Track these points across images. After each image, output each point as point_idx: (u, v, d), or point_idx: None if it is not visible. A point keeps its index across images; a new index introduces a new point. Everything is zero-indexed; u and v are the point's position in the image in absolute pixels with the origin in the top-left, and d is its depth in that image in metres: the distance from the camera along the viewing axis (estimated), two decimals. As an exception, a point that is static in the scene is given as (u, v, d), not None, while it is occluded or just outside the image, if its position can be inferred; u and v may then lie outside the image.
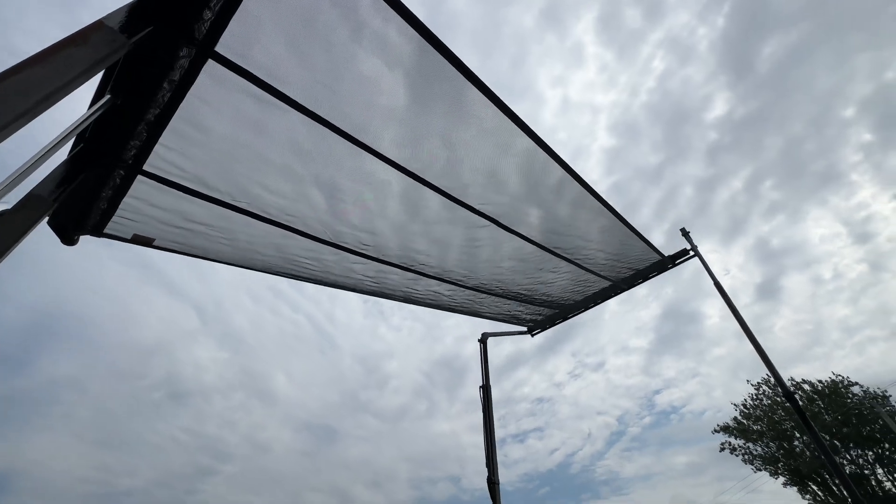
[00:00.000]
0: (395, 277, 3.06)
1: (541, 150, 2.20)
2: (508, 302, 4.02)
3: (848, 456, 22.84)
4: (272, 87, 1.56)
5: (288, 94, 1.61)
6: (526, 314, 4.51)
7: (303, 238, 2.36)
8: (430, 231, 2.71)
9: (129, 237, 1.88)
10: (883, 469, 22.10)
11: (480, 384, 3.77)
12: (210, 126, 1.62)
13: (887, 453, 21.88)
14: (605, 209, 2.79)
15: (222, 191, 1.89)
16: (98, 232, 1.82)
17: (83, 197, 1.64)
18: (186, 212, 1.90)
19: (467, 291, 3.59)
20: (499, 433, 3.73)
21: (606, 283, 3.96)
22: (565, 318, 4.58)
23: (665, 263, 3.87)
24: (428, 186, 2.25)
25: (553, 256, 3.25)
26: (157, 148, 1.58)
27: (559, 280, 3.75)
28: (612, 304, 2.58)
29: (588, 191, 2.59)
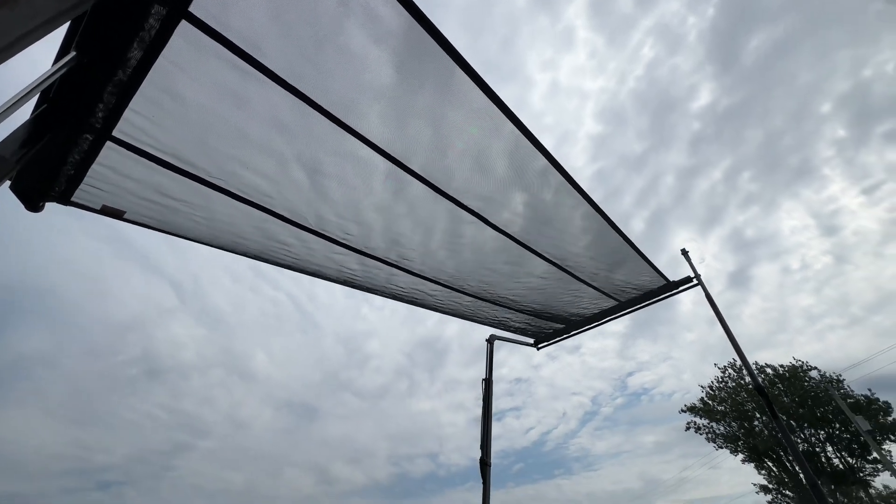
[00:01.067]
0: (381, 273, 3.03)
1: (556, 172, 2.33)
2: (516, 314, 4.13)
3: (802, 435, 24.38)
4: (251, 56, 1.49)
5: (268, 65, 1.54)
6: (532, 326, 4.59)
7: (282, 223, 2.28)
8: (433, 235, 2.76)
9: (98, 208, 1.80)
10: (832, 447, 23.71)
11: (484, 377, 4.16)
12: (185, 94, 1.54)
13: (837, 433, 23.45)
14: (616, 232, 2.94)
15: (197, 165, 1.80)
16: (65, 200, 1.74)
17: (48, 161, 1.55)
18: (159, 185, 1.81)
19: (477, 301, 3.74)
20: (476, 412, 3.91)
21: (613, 303, 4.11)
22: (571, 335, 4.69)
23: (669, 289, 4.06)
24: (439, 193, 2.29)
25: (565, 274, 3.42)
26: (127, 113, 1.49)
27: (566, 296, 3.89)
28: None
29: (600, 214, 2.72)
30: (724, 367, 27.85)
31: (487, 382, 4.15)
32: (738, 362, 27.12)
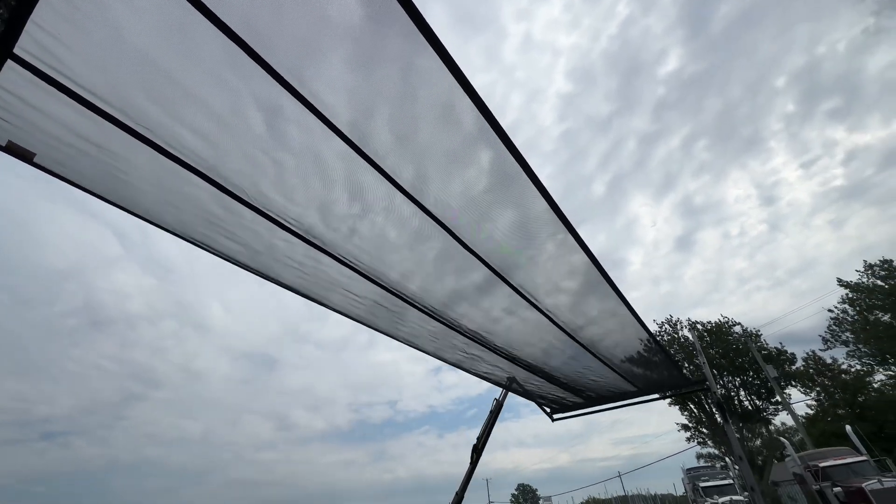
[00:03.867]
0: (370, 294, 2.97)
1: (597, 271, 2.85)
2: (534, 377, 4.29)
3: (720, 381, 27.61)
4: None
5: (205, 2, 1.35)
6: (550, 395, 4.74)
7: (217, 191, 1.97)
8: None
9: (3, 144, 1.58)
10: (745, 392, 27.12)
11: (496, 398, 4.64)
12: (104, 15, 1.35)
13: (750, 379, 26.75)
14: (646, 332, 3.57)
15: (116, 106, 1.57)
16: None
17: None
18: (74, 125, 1.59)
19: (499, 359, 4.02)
20: (435, 362, 4.29)
21: (633, 388, 4.31)
22: (588, 411, 4.82)
23: (686, 385, 4.42)
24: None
25: (597, 360, 3.86)
26: (30, 27, 1.29)
27: (592, 374, 4.15)
28: (549, 246, 2.72)
29: (639, 322, 3.34)
30: (662, 322, 30.39)
31: (499, 404, 4.67)
32: (675, 318, 29.69)
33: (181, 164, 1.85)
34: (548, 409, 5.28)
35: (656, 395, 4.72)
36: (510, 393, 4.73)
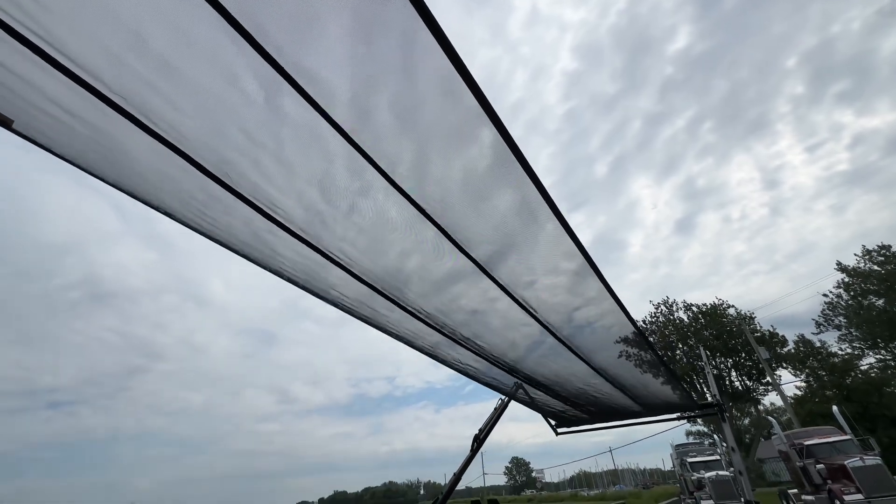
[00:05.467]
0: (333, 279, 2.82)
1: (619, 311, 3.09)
2: (538, 392, 4.34)
3: (713, 362, 28.14)
4: None
5: None
6: (554, 408, 4.69)
7: (201, 174, 1.89)
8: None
9: (-21, 110, 1.54)
10: (737, 373, 27.66)
11: (501, 397, 4.61)
12: None
13: (742, 361, 27.26)
14: (660, 362, 3.69)
15: (94, 74, 1.50)
16: None
17: None
18: (50, 91, 1.53)
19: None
20: (433, 339, 4.27)
21: (638, 408, 4.28)
22: (593, 428, 4.79)
23: (692, 409, 4.35)
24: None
25: (607, 382, 3.95)
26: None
27: (600, 395, 4.16)
28: (549, 227, 2.59)
29: (649, 346, 3.56)
30: (658, 304, 30.69)
31: (505, 404, 4.69)
32: (671, 300, 29.90)
33: (165, 144, 1.78)
34: (553, 422, 5.28)
35: (663, 418, 4.71)
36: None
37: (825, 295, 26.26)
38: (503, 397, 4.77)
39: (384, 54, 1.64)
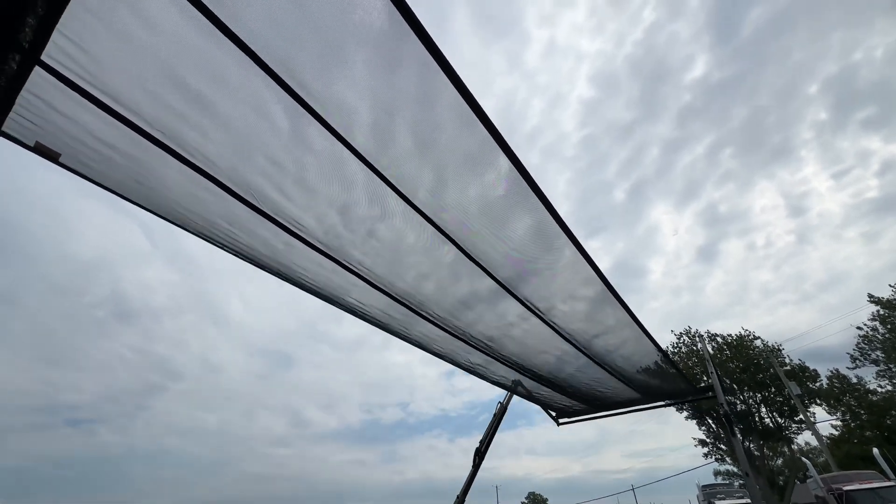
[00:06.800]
0: (348, 286, 2.94)
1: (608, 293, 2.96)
2: (540, 386, 4.35)
3: (741, 397, 26.74)
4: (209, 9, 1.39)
5: (221, 17, 1.42)
6: (556, 401, 4.79)
7: (229, 196, 2.05)
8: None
9: (31, 144, 1.68)
10: (766, 408, 26.19)
11: (500, 401, 4.81)
12: (121, 26, 1.41)
13: (772, 396, 25.83)
14: (652, 343, 3.55)
15: (135, 112, 1.66)
16: None
17: None
18: (95, 128, 1.68)
19: (508, 370, 4.06)
20: (448, 366, 4.39)
21: (636, 395, 4.34)
22: (594, 416, 4.86)
23: (691, 394, 4.38)
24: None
25: (601, 368, 3.89)
26: (56, 37, 1.39)
27: (595, 383, 4.23)
28: (566, 252, 2.70)
29: (644, 333, 3.33)
30: (680, 333, 29.66)
31: (503, 407, 4.81)
32: (693, 330, 28.92)
33: (197, 171, 1.94)
34: (553, 414, 5.27)
35: (661, 403, 4.67)
36: (518, 397, 4.72)
37: (859, 327, 24.99)
38: (500, 401, 4.77)
39: (403, 87, 1.76)
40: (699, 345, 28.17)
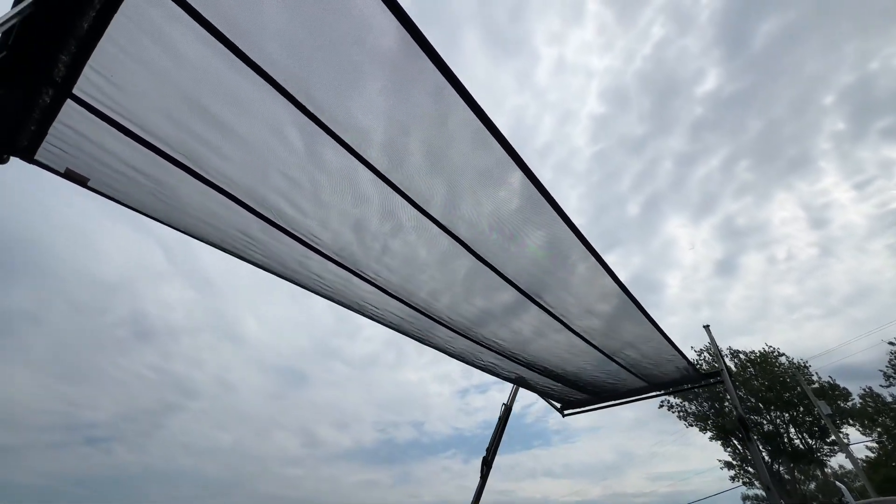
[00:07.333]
0: (361, 292, 3.00)
1: (607, 276, 2.81)
2: (543, 378, 4.33)
3: (768, 416, 25.63)
4: (219, 30, 1.46)
5: (241, 46, 1.50)
6: (556, 391, 4.78)
7: (246, 212, 2.17)
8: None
9: (62, 171, 1.77)
10: (795, 429, 25.01)
11: (504, 403, 4.73)
12: (147, 58, 1.49)
13: (800, 416, 24.67)
14: (655, 328, 3.38)
15: (159, 137, 1.75)
16: (29, 157, 1.71)
17: (10, 113, 1.53)
18: (121, 154, 1.76)
19: (505, 360, 3.98)
20: (462, 384, 4.34)
21: (642, 384, 4.29)
22: (599, 406, 4.83)
23: (697, 380, 4.27)
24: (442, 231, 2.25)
25: (602, 354, 3.78)
26: (87, 71, 1.47)
27: (598, 372, 4.23)
28: (580, 267, 2.83)
29: (643, 312, 3.17)
30: (700, 350, 28.75)
31: (507, 408, 4.71)
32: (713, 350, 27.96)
33: (221, 192, 2.04)
34: (557, 405, 5.18)
35: (670, 390, 4.60)
36: (519, 397, 4.68)
37: (892, 342, 23.91)
38: (505, 403, 4.66)
39: (416, 106, 1.82)
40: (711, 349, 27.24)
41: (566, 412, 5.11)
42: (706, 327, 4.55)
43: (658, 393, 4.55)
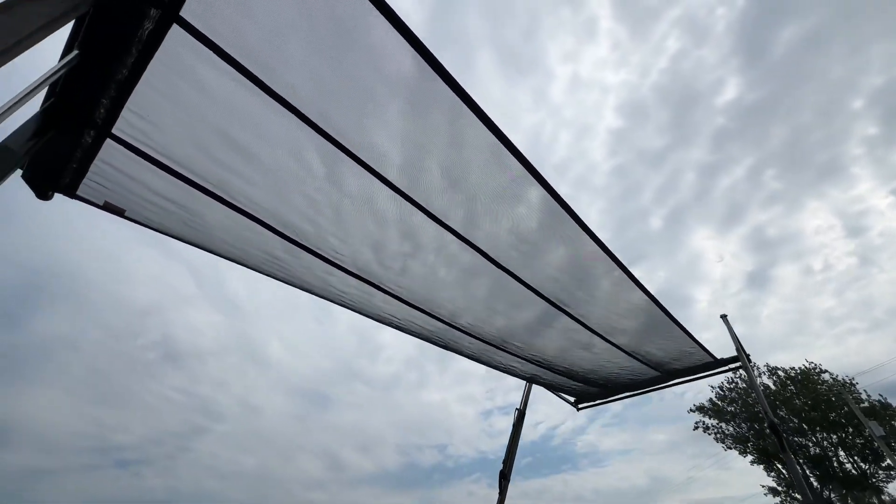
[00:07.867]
0: (383, 304, 3.06)
1: (618, 269, 2.79)
2: (553, 374, 4.32)
3: (814, 438, 23.97)
4: (244, 66, 1.54)
5: (264, 79, 1.58)
6: (569, 386, 4.74)
7: (271, 234, 2.29)
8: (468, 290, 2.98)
9: (101, 203, 1.89)
10: (845, 452, 23.25)
11: (517, 407, 4.65)
12: (180, 97, 1.59)
13: (849, 438, 22.96)
14: (666, 315, 3.29)
15: (189, 168, 1.85)
16: (71, 192, 1.83)
17: (55, 154, 1.65)
18: (156, 186, 1.88)
19: (516, 358, 3.94)
20: (486, 405, 4.24)
21: (655, 374, 4.22)
22: (613, 399, 4.78)
23: (714, 367, 4.13)
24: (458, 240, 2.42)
25: (614, 347, 3.69)
26: (125, 112, 1.56)
27: (611, 365, 4.17)
28: (604, 283, 2.91)
29: (654, 301, 3.11)
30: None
31: (521, 413, 4.59)
32: (752, 363, 26.57)
33: (247, 216, 2.15)
34: (572, 400, 5.03)
35: (686, 379, 4.33)
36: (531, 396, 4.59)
37: (947, 357, 22.16)
38: (517, 407, 4.58)
39: (434, 128, 1.87)
40: (759, 381, 25.86)
41: (580, 406, 5.05)
42: (723, 317, 4.29)
43: (675, 381, 4.36)
